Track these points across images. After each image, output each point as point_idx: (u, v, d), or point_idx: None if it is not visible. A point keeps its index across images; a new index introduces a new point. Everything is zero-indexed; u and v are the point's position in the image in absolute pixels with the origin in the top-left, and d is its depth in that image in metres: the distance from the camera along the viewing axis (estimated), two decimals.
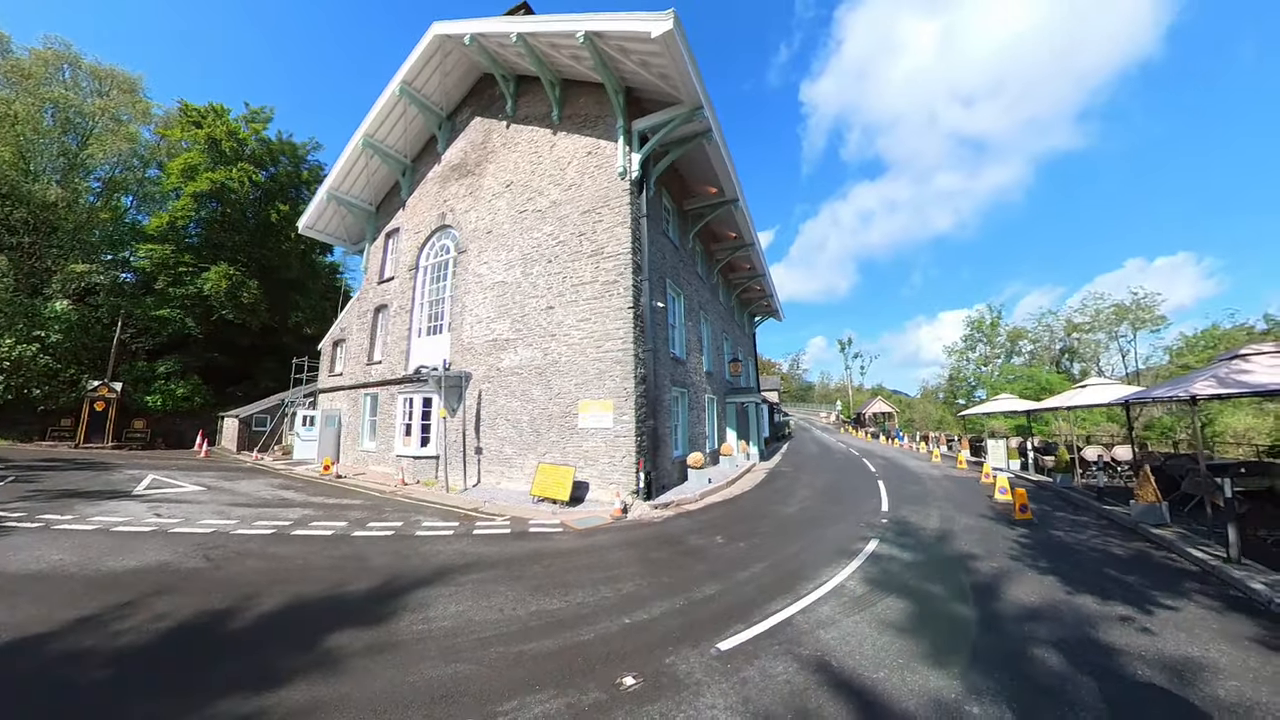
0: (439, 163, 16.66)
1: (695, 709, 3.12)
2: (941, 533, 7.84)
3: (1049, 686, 3.43)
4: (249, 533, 7.46)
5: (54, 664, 3.54)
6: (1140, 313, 34.86)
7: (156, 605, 4.61)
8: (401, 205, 17.74)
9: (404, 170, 17.69)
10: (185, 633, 4.10)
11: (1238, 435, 19.27)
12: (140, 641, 3.91)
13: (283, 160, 26.54)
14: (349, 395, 17.67)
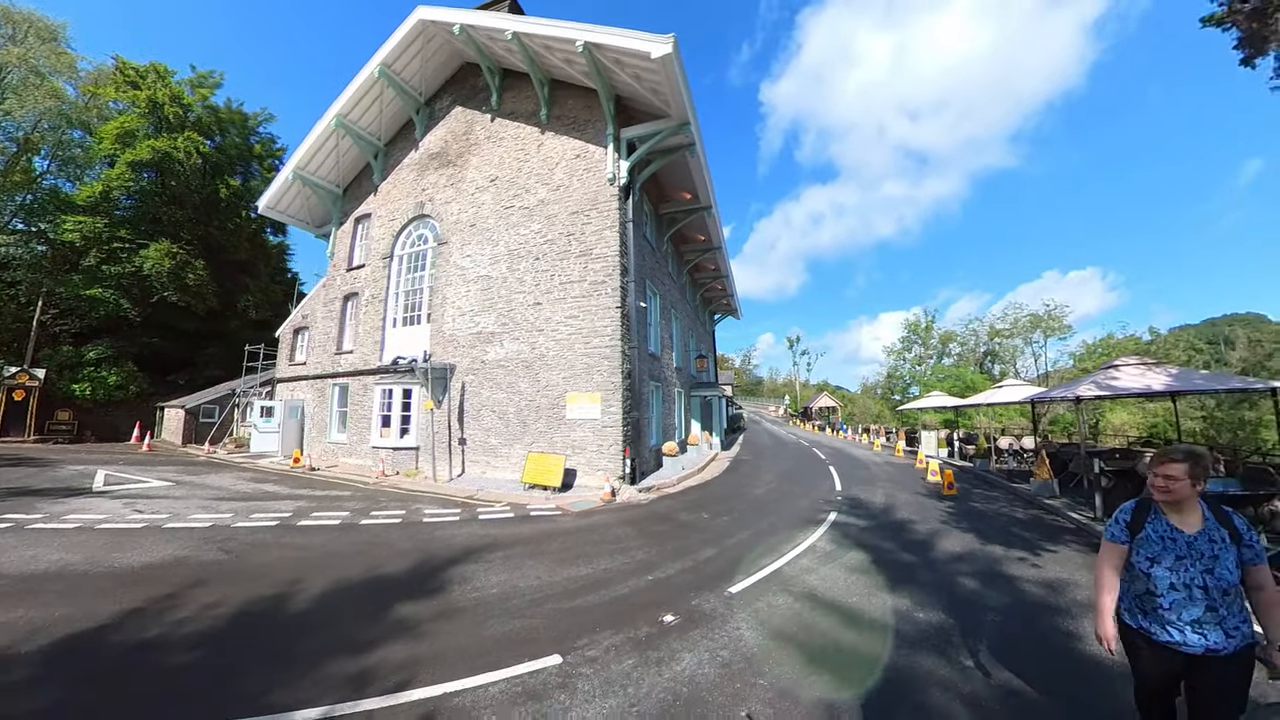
0: (416, 149, 16.58)
1: (726, 631, 4.10)
2: (886, 506, 9.36)
3: (968, 599, 4.80)
4: (251, 525, 7.52)
5: (136, 651, 3.68)
6: (1051, 322, 39.38)
7: (200, 595, 4.76)
8: (373, 190, 17.46)
9: (376, 153, 17.38)
10: (249, 617, 4.34)
11: (1117, 428, 22.85)
12: (208, 627, 4.11)
13: (231, 131, 24.79)
14: (314, 385, 17.35)
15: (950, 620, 4.33)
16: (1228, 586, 2.06)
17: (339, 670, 3.47)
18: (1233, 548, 2.11)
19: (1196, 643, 2.06)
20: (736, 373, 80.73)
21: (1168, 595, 2.13)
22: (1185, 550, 2.14)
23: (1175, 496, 2.16)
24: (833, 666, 3.59)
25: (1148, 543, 2.22)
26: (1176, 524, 2.19)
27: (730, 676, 3.43)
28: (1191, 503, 2.19)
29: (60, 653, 3.63)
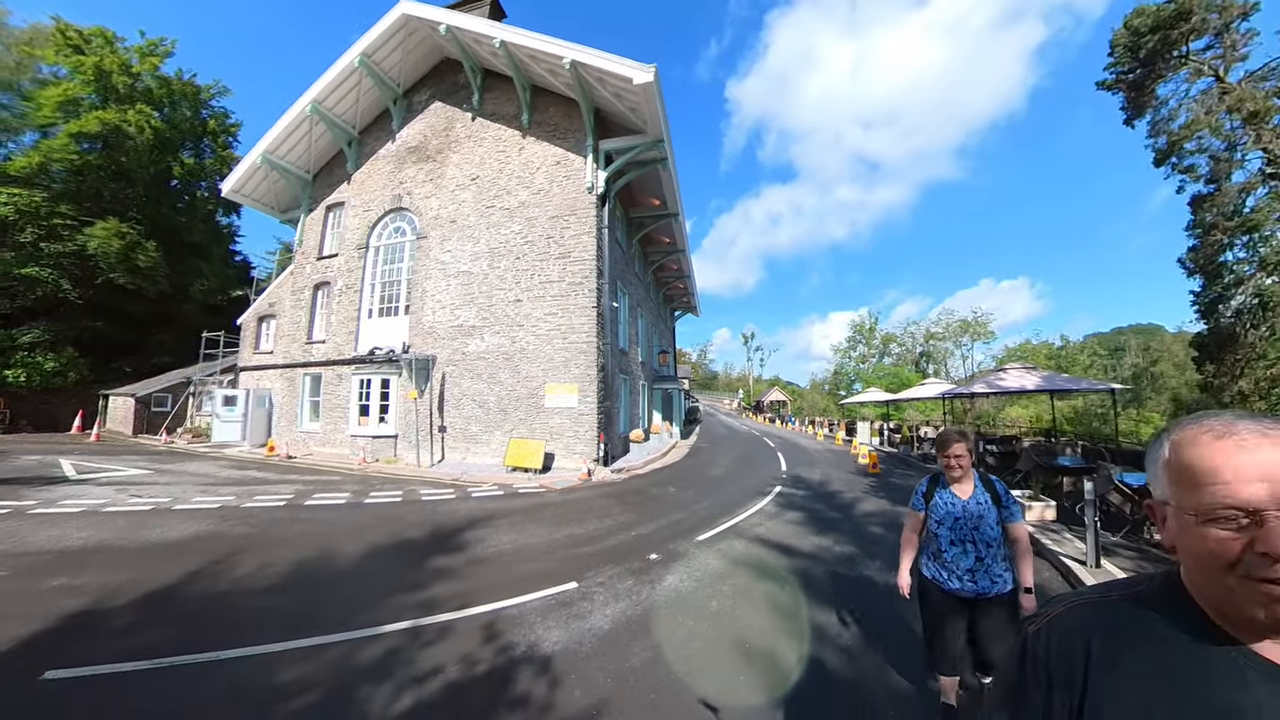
0: (393, 141, 16.88)
1: (698, 562, 5.48)
2: (822, 481, 11.17)
3: (873, 538, 6.49)
4: (259, 505, 7.93)
5: (219, 599, 4.29)
6: (978, 327, 43.77)
7: (249, 559, 5.31)
8: (346, 178, 17.57)
9: (350, 141, 17.48)
10: (305, 571, 5.03)
11: (1012, 420, 26.40)
12: (274, 581, 4.72)
13: (183, 104, 23.53)
14: (283, 374, 17.41)
15: (858, 550, 5.93)
16: (990, 540, 2.45)
17: (406, 600, 4.47)
18: (994, 508, 2.49)
19: (970, 589, 2.46)
20: (693, 367, 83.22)
21: (949, 550, 2.52)
22: (961, 512, 2.52)
23: (964, 471, 2.57)
24: (773, 577, 5.04)
25: (936, 509, 2.62)
26: (956, 492, 2.58)
27: (702, 585, 4.81)
28: (969, 474, 2.60)
29: (153, 603, 4.23)
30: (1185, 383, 33.84)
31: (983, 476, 2.61)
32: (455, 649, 3.55)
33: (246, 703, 2.91)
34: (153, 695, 2.97)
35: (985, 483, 2.59)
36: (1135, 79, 19.05)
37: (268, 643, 3.57)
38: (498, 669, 3.29)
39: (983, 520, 2.47)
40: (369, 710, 2.82)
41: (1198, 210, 18.17)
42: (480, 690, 3.06)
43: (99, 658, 3.29)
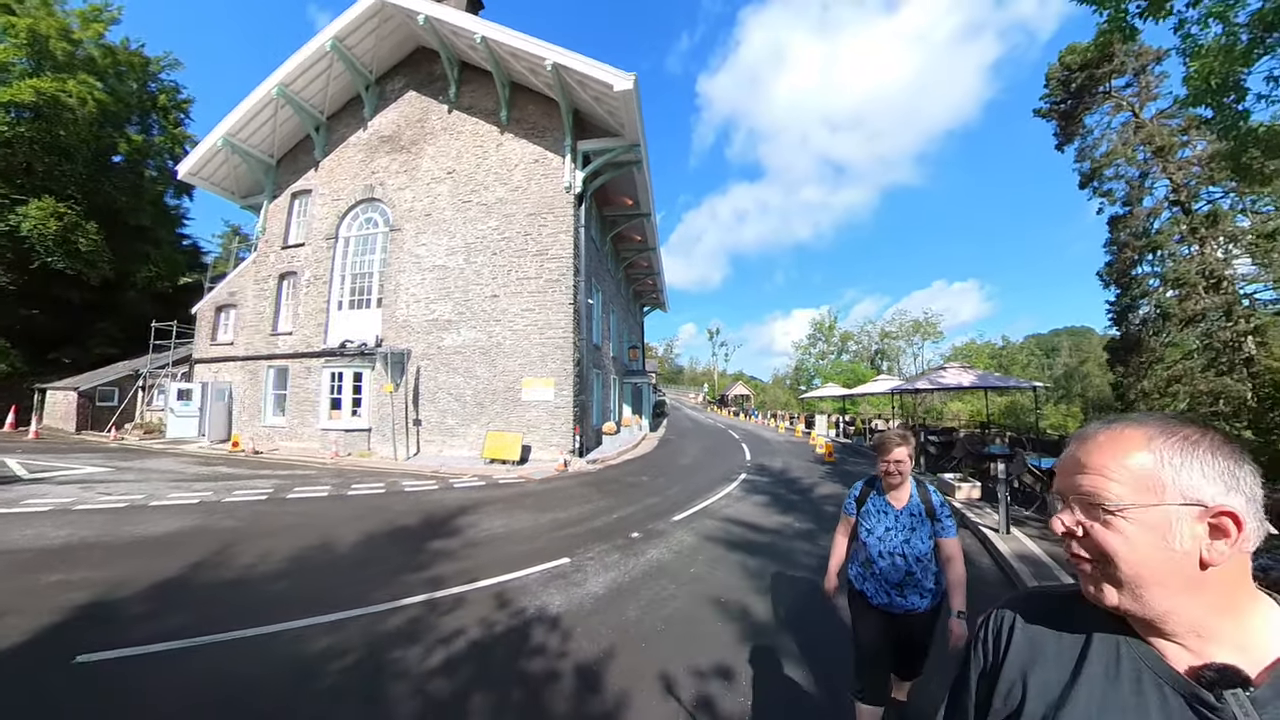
0: (365, 129, 16.62)
1: (675, 538, 6.15)
2: (783, 468, 12.14)
3: (829, 516, 7.35)
4: (240, 500, 7.93)
5: (230, 586, 4.47)
6: (928, 328, 46.58)
7: (248, 549, 5.43)
8: (314, 165, 17.15)
9: (318, 126, 17.08)
10: (308, 558, 5.22)
11: (954, 414, 28.67)
12: (279, 568, 4.91)
13: (129, 75, 21.89)
14: (245, 367, 16.95)
15: (815, 526, 6.80)
16: (920, 555, 2.25)
17: (414, 578, 4.88)
18: (927, 521, 2.29)
19: (899, 604, 2.28)
20: (660, 361, 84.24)
21: (879, 562, 2.31)
22: (893, 523, 2.32)
23: (903, 478, 2.33)
24: (742, 549, 5.78)
25: (868, 515, 2.41)
26: (891, 499, 2.37)
27: (680, 557, 5.48)
28: (907, 481, 2.36)
29: (163, 592, 4.33)
30: (1107, 382, 37.39)
31: (921, 485, 2.41)
32: (472, 614, 4.06)
33: (293, 666, 3.27)
34: (195, 667, 3.21)
35: (921, 493, 2.37)
36: (1066, 109, 21.05)
37: (292, 620, 3.86)
38: (514, 628, 3.84)
39: (914, 533, 2.28)
40: (407, 666, 3.28)
41: (1114, 229, 20.31)
42: (502, 645, 3.59)
43: (126, 641, 3.44)
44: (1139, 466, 0.63)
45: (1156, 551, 0.61)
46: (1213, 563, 0.59)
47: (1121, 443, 0.65)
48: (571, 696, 2.99)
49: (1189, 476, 0.60)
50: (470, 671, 3.23)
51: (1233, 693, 0.56)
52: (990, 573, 5.35)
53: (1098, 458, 0.65)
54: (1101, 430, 0.67)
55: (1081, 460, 0.67)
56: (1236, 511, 0.58)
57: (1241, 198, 17.68)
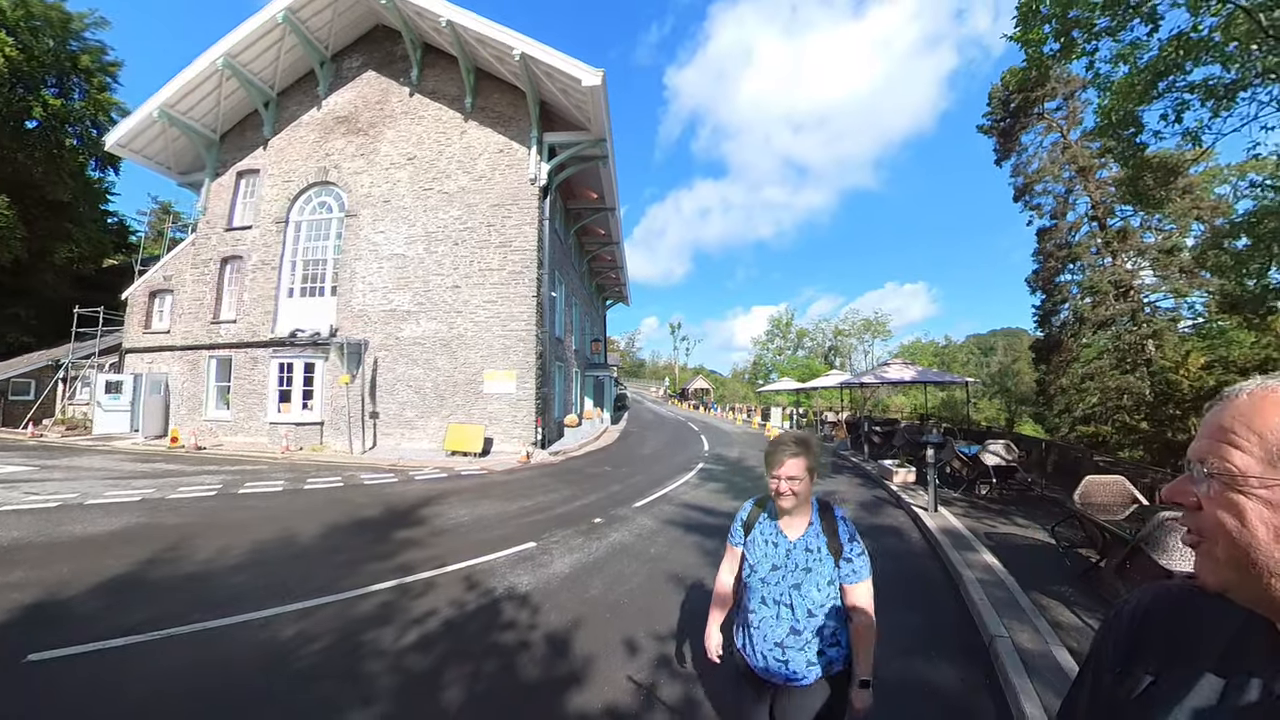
0: (319, 108, 15.91)
1: (636, 523, 6.48)
2: (739, 458, 12.76)
3: None
4: (186, 497, 7.58)
5: (191, 580, 4.35)
6: (878, 326, 48.94)
7: (203, 545, 5.28)
8: (262, 143, 16.25)
9: (267, 102, 16.19)
10: (268, 551, 5.16)
11: (898, 407, 30.60)
12: (239, 561, 4.82)
13: (46, 32, 19.70)
14: (184, 357, 15.95)
15: None
16: (813, 607, 1.68)
17: (382, 566, 4.95)
18: (829, 560, 1.72)
19: (779, 672, 1.69)
20: (622, 355, 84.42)
21: (758, 611, 1.75)
22: (783, 560, 1.75)
23: (799, 500, 1.74)
24: (699, 531, 6.18)
25: (754, 546, 1.83)
26: (783, 527, 1.80)
27: (641, 539, 5.82)
28: (806, 504, 1.79)
29: (115, 589, 4.17)
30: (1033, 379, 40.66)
31: (827, 511, 1.81)
32: (443, 596, 4.24)
33: (264, 652, 3.32)
34: (160, 660, 3.17)
35: (825, 522, 1.78)
36: (1005, 127, 22.75)
37: (258, 610, 3.87)
38: (485, 606, 4.05)
39: (810, 575, 1.70)
40: (381, 646, 3.43)
41: (1042, 240, 22.18)
42: (475, 621, 3.80)
43: (80, 639, 3.33)
44: (1276, 433, 0.52)
45: (1268, 530, 0.51)
46: None
47: (1266, 404, 0.53)
48: (542, 662, 3.25)
49: None
50: (445, 646, 3.43)
51: None
52: (919, 545, 5.98)
53: (1229, 419, 0.55)
54: (1250, 388, 0.56)
55: (1213, 421, 0.57)
56: None
57: (1150, 216, 19.69)
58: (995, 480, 7.96)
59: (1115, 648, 0.70)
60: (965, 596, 4.32)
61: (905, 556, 5.58)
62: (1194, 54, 5.93)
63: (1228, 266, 8.60)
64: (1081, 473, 5.82)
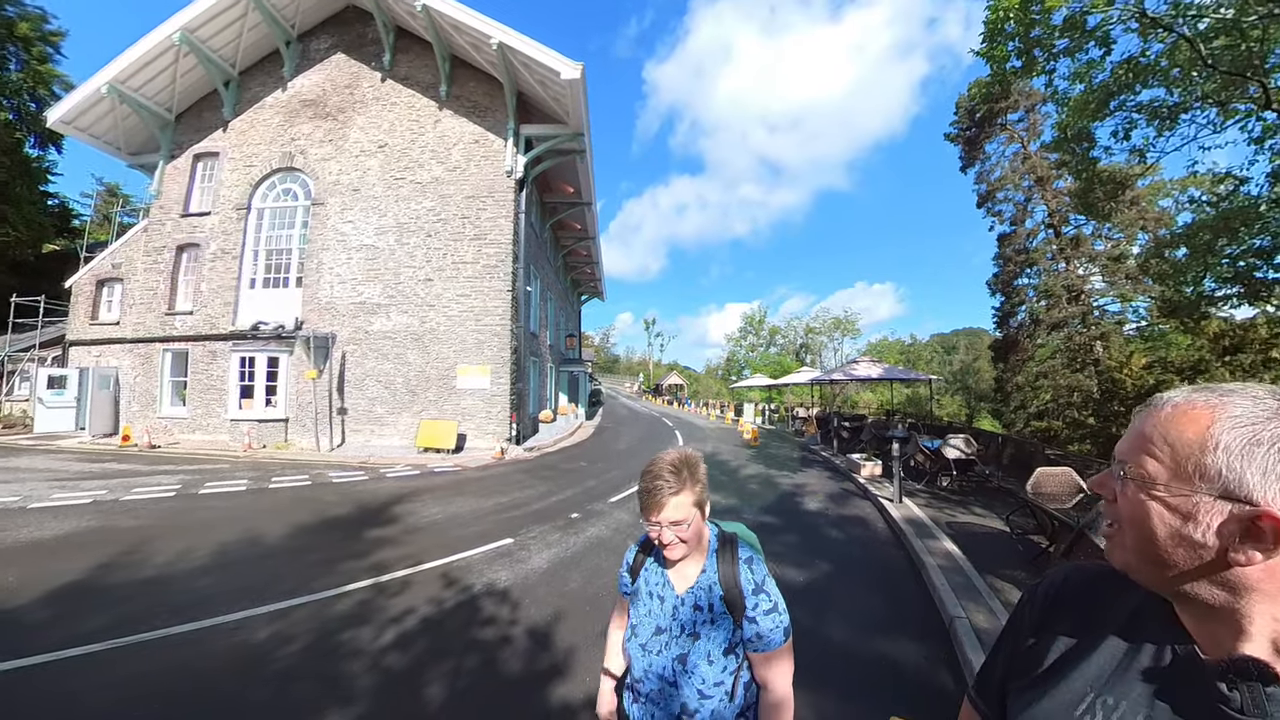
0: (284, 89, 15.25)
1: (612, 518, 6.55)
2: (712, 452, 12.95)
3: (752, 493, 8.16)
4: (142, 498, 7.28)
5: (153, 584, 4.20)
6: (847, 325, 50.26)
7: (163, 547, 5.05)
8: (222, 125, 15.49)
9: (228, 81, 15.41)
10: (234, 553, 5.03)
11: (865, 403, 31.63)
12: (202, 563, 4.67)
13: None
14: (135, 350, 15.10)
15: (740, 502, 7.54)
16: (705, 687, 1.23)
17: (356, 565, 4.86)
18: (725, 622, 1.26)
19: None
20: (596, 350, 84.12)
21: (642, 684, 1.32)
22: (669, 619, 1.31)
23: (694, 546, 1.28)
24: None
25: (636, 601, 1.39)
26: (671, 575, 1.34)
27: (617, 533, 5.90)
28: (702, 549, 1.33)
29: (71, 596, 3.99)
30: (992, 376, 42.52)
31: (727, 552, 1.31)
32: (422, 594, 4.21)
33: (236, 655, 3.24)
34: (124, 667, 3.06)
35: (725, 569, 1.29)
36: (970, 136, 23.65)
37: (228, 613, 3.75)
38: (465, 602, 4.05)
39: (698, 644, 1.27)
40: (361, 645, 3.39)
41: (1001, 245, 23.21)
42: (455, 618, 3.80)
43: (36, 648, 3.18)
44: (1185, 448, 0.57)
45: (1173, 535, 0.57)
46: (1239, 563, 0.54)
47: (1182, 419, 0.58)
48: (524, 655, 3.29)
49: (1243, 470, 0.54)
50: (425, 643, 3.42)
51: (1249, 685, 0.54)
52: (884, 534, 6.25)
53: (1151, 427, 0.61)
54: (1175, 400, 0.61)
55: (1137, 426, 0.63)
56: (1275, 515, 0.52)
57: (1100, 225, 20.83)
58: (955, 473, 8.36)
59: (1032, 617, 0.77)
60: (927, 581, 4.56)
61: (872, 545, 5.84)
62: (1142, 77, 6.34)
63: (1167, 274, 9.21)
64: (1034, 465, 6.17)
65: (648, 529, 1.27)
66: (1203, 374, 14.26)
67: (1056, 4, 5.52)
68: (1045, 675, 0.70)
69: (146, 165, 16.41)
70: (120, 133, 16.05)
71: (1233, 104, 6.72)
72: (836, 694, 2.97)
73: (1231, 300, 9.05)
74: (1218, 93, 6.41)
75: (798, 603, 4.15)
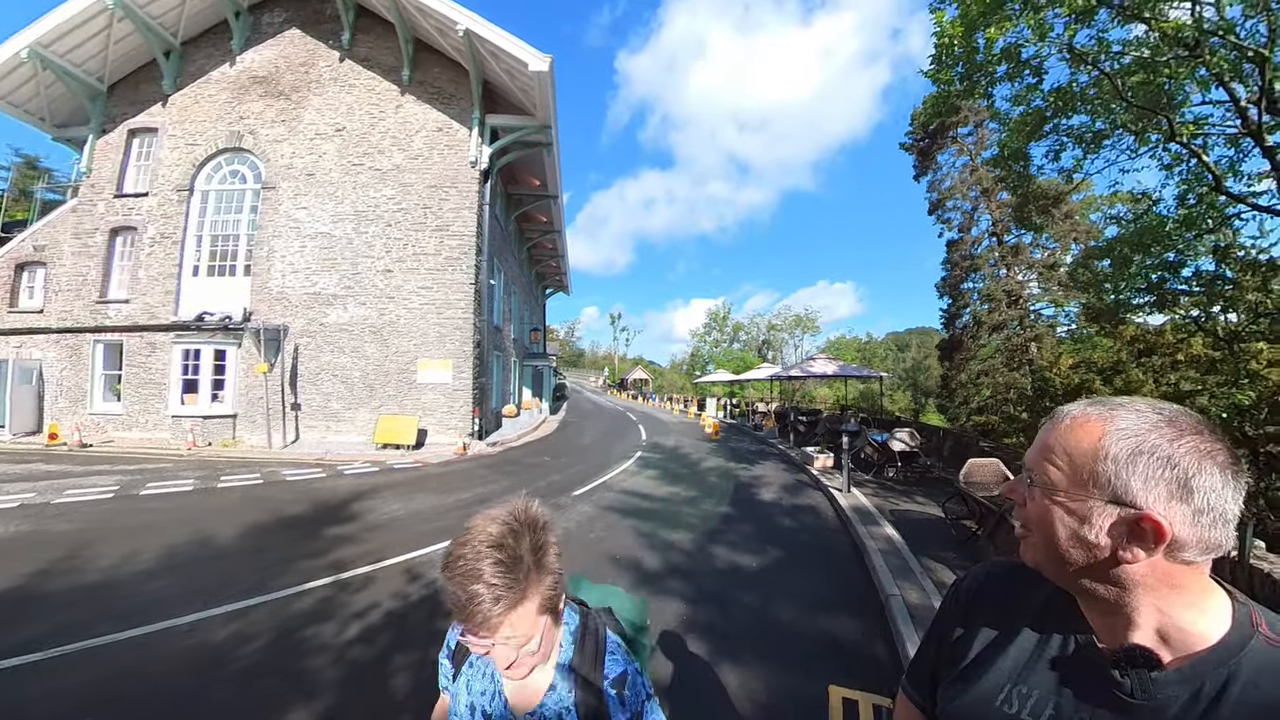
0: (233, 64, 14.35)
1: (577, 509, 6.72)
2: (675, 446, 13.35)
3: (711, 485, 8.53)
4: (76, 500, 6.91)
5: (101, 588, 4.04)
6: (807, 322, 51.90)
7: (107, 551, 4.84)
8: (162, 99, 14.43)
9: (169, 51, 14.37)
10: (183, 553, 4.88)
11: (822, 398, 32.94)
12: (149, 567, 4.50)
13: None
14: (61, 341, 13.95)
15: (699, 493, 7.87)
16: None
17: (315, 563, 4.78)
18: None
19: None
20: (561, 344, 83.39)
21: None
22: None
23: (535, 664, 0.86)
24: (635, 515, 6.53)
25: (456, 702, 1.00)
26: (507, 685, 0.95)
27: (581, 524, 6.09)
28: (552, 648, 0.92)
29: (7, 603, 3.83)
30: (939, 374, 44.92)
31: (588, 665, 0.94)
32: (384, 589, 4.25)
33: (194, 656, 3.19)
34: (71, 676, 2.96)
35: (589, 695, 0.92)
36: (924, 147, 24.83)
37: (181, 615, 3.65)
38: (428, 596, 4.12)
39: None
40: (323, 641, 3.41)
41: (950, 250, 24.57)
42: (419, 611, 3.88)
43: None
44: (1081, 457, 0.63)
45: (1072, 536, 0.62)
46: (1126, 561, 0.60)
47: (1079, 430, 0.64)
48: None
49: (1128, 477, 0.59)
50: (390, 637, 3.49)
51: (1138, 671, 0.60)
52: (833, 522, 6.69)
53: (1053, 439, 0.66)
54: (1073, 412, 0.67)
55: (1042, 437, 0.68)
56: (1160, 521, 0.57)
57: (1037, 235, 22.36)
58: (901, 464, 8.94)
59: (957, 612, 0.83)
60: (869, 564, 4.94)
61: (821, 532, 6.24)
62: (1070, 105, 6.92)
63: (1092, 283, 10.08)
64: (970, 456, 6.72)
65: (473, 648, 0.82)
66: (1120, 374, 15.61)
67: (995, 36, 5.98)
68: (970, 668, 0.75)
69: (74, 139, 15.17)
70: (44, 102, 14.75)
71: (1147, 133, 7.43)
72: (780, 667, 3.24)
73: (1145, 308, 10.00)
74: (1133, 123, 7.08)
75: (750, 587, 4.47)
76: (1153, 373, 14.82)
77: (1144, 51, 6.51)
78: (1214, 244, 8.61)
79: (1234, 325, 10.87)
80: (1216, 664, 0.59)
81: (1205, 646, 0.60)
